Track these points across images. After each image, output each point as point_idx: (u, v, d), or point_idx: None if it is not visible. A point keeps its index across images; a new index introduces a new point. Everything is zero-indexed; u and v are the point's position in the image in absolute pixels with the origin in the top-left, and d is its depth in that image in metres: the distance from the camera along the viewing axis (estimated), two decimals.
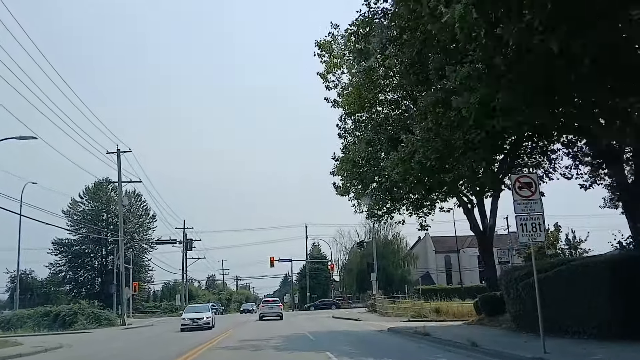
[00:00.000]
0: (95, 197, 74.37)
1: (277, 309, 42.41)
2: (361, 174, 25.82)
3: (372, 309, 47.05)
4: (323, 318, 45.16)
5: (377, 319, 40.88)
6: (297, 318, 44.59)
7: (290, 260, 76.96)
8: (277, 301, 44.38)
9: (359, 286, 74.16)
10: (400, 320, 37.98)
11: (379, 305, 45.82)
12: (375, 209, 27.99)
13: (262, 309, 42.75)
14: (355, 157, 25.34)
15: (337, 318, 44.15)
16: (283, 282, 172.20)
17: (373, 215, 28.99)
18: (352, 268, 73.68)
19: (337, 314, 49.76)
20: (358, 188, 27.79)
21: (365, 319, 41.09)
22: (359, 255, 74.63)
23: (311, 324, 35.43)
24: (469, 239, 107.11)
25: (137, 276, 77.18)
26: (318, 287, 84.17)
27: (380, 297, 47.37)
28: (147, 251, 79.35)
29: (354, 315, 45.57)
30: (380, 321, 37.69)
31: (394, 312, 42.65)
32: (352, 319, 41.47)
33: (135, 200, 78.27)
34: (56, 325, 46.35)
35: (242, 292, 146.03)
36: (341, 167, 27.30)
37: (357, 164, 25.31)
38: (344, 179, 27.81)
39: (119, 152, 45.74)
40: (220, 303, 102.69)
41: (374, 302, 46.98)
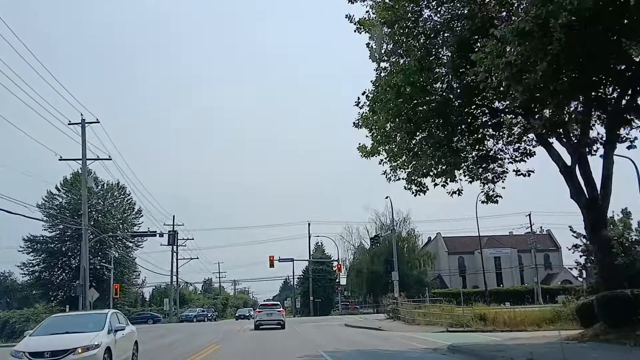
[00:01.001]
0: (74, 189, 65.28)
1: (277, 316, 33.29)
2: (408, 113, 16.79)
3: (394, 315, 38.05)
4: (334, 326, 36.20)
5: (405, 328, 32.04)
6: (302, 327, 35.56)
7: (291, 260, 67.90)
8: (277, 305, 35.23)
9: (369, 289, 65.07)
10: (436, 330, 29.74)
11: (403, 311, 36.82)
12: (422, 170, 19.11)
13: (259, 315, 33.55)
14: (397, 85, 16.31)
15: (351, 327, 35.20)
16: (283, 287, 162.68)
17: (416, 184, 20.00)
18: (361, 269, 64.59)
19: (349, 321, 40.74)
20: (397, 142, 18.80)
21: (388, 328, 32.17)
22: (370, 255, 65.63)
23: (323, 336, 26.49)
24: (484, 239, 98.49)
25: (121, 278, 67.98)
26: (322, 291, 74.97)
27: (404, 302, 38.32)
28: (132, 250, 70.16)
29: (372, 322, 36.59)
30: (410, 331, 29.10)
31: (423, 320, 33.67)
32: (372, 329, 32.58)
33: (118, 193, 69.18)
34: (4, 334, 37.61)
35: (240, 297, 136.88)
36: (373, 108, 18.28)
37: (402, 93, 16.28)
38: (378, 126, 18.81)
39: (83, 122, 36.78)
40: (215, 308, 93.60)
41: (395, 307, 37.97)
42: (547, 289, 78.58)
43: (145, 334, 33.24)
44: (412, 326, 33.05)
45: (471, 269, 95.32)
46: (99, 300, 67.09)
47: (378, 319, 40.67)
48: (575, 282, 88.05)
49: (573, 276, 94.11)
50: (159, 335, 30.20)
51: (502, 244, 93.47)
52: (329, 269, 77.70)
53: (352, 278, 65.84)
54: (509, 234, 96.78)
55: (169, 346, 23.35)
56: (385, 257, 64.07)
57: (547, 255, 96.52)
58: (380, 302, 66.94)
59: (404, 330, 30.74)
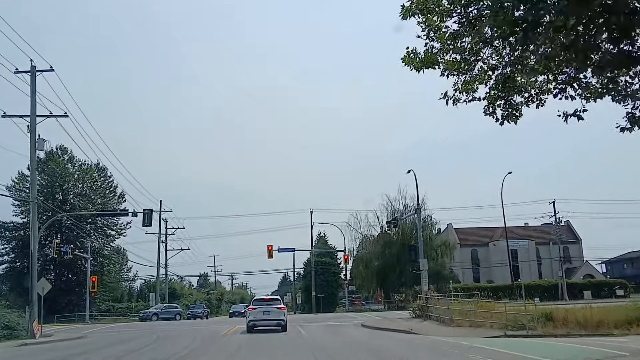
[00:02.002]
0: (47, 169, 57.22)
1: (277, 314, 25.03)
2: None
3: (422, 313, 30.00)
4: (349, 327, 28.21)
5: (444, 330, 24.15)
6: (309, 328, 27.52)
7: (292, 250, 59.72)
8: (276, 301, 26.82)
9: (380, 283, 57.02)
10: (490, 334, 21.74)
11: (435, 308, 28.80)
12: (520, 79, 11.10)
13: (253, 313, 25.07)
14: None
15: (372, 328, 27.19)
16: (282, 282, 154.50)
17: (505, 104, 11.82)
18: (370, 260, 56.55)
19: (364, 320, 32.63)
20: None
21: (423, 331, 24.21)
22: (381, 244, 57.56)
23: (343, 345, 18.57)
24: (498, 230, 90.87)
25: (100, 269, 59.96)
26: (325, 285, 66.85)
27: (435, 296, 30.27)
28: (113, 238, 61.96)
29: (396, 323, 28.58)
30: (453, 335, 21.90)
31: (465, 320, 25.69)
32: (402, 331, 24.60)
33: (98, 175, 61.03)
34: None
35: (237, 292, 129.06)
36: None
37: None
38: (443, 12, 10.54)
39: (33, 70, 28.60)
40: (209, 304, 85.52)
41: (425, 303, 29.91)
42: (571, 283, 70.66)
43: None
44: (452, 328, 25.11)
45: (485, 262, 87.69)
46: (74, 294, 59.51)
47: (400, 317, 32.62)
48: (597, 277, 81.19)
49: (596, 270, 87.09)
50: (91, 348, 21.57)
51: (519, 236, 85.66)
52: (332, 262, 69.58)
53: (361, 271, 57.83)
54: (524, 225, 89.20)
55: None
56: (399, 247, 56.17)
57: (566, 248, 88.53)
58: (392, 298, 59.11)
59: (445, 334, 22.84)
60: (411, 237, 56.48)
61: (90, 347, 22.27)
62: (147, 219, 34.10)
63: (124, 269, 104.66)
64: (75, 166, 59.19)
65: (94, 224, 59.64)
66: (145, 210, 36.02)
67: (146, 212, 35.18)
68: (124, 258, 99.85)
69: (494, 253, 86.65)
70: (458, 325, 25.78)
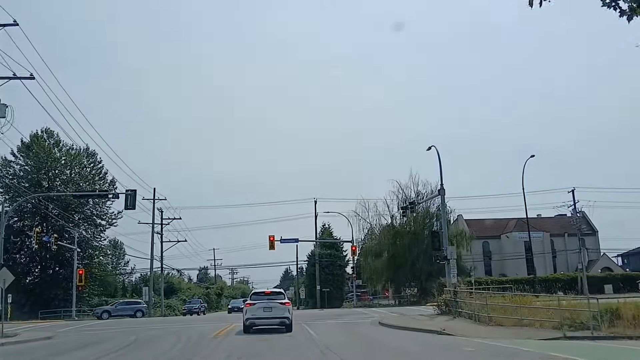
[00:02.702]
0: (31, 154, 52.56)
1: (280, 311, 20.26)
2: None
3: (452, 310, 25.38)
4: (365, 326, 23.63)
5: (483, 331, 19.72)
6: (318, 328, 22.88)
7: (296, 241, 55.01)
8: (279, 295, 21.90)
9: (391, 276, 52.39)
10: (544, 335, 17.85)
11: (468, 304, 24.18)
12: None
13: (252, 310, 20.33)
14: None
15: (393, 327, 22.60)
16: (284, 276, 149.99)
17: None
18: (380, 252, 51.87)
19: (380, 317, 27.99)
20: None
21: (458, 331, 19.66)
22: (391, 235, 52.90)
23: (370, 353, 13.94)
24: (512, 221, 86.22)
25: (89, 262, 55.37)
26: (330, 279, 62.40)
27: (465, 290, 25.65)
28: (104, 228, 57.22)
29: (419, 321, 24.03)
30: (498, 337, 17.99)
31: (506, 319, 21.10)
32: (433, 332, 20.06)
33: (87, 161, 56.32)
34: None
35: (238, 287, 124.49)
36: None
37: None
38: None
39: None
40: (208, 299, 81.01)
41: (454, 298, 25.27)
42: (591, 277, 65.95)
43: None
44: (492, 328, 20.56)
45: (497, 254, 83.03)
46: (60, 288, 54.98)
47: (422, 314, 28.04)
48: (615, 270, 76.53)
49: (614, 263, 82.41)
50: None
51: (534, 227, 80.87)
52: (338, 254, 65.07)
53: (369, 263, 53.19)
54: (537, 216, 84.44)
55: None
56: (411, 237, 51.58)
57: (582, 240, 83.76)
58: (404, 292, 54.61)
59: (487, 334, 18.38)
60: (424, 226, 51.90)
61: (47, 351, 17.74)
62: (130, 202, 29.31)
63: (121, 262, 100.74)
64: (62, 151, 54.50)
65: (82, 213, 54.99)
66: (128, 191, 31.27)
67: (129, 193, 30.37)
68: (121, 251, 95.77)
69: (507, 245, 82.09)
70: (498, 323, 21.23)
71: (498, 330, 20.05)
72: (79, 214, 55.35)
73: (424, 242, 50.90)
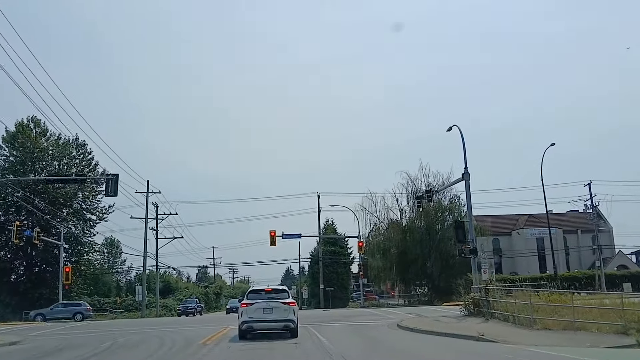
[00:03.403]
0: (16, 144, 48.88)
1: (283, 312, 16.54)
2: None
3: (483, 310, 21.67)
4: (383, 331, 19.89)
5: (537, 337, 16.21)
6: (328, 333, 19.17)
7: (298, 236, 51.13)
8: (282, 293, 17.95)
9: (400, 274, 48.65)
10: (612, 341, 14.49)
11: (503, 304, 20.48)
12: None
13: (249, 310, 16.61)
14: None
15: (416, 331, 18.96)
16: (285, 276, 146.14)
17: None
18: (389, 248, 48.12)
19: (398, 318, 24.21)
20: None
21: (505, 337, 16.13)
22: (401, 230, 49.19)
23: None
24: (523, 217, 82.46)
25: (78, 259, 51.68)
26: (335, 278, 58.61)
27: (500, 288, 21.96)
28: (94, 223, 53.38)
29: (451, 324, 20.30)
30: (562, 342, 15.17)
31: (556, 322, 17.47)
32: (469, 338, 16.42)
33: (77, 152, 52.58)
34: None
35: (238, 287, 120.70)
36: None
37: None
38: None
39: None
40: (207, 298, 77.39)
41: (485, 297, 21.53)
42: (608, 275, 62.20)
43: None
44: (539, 332, 16.98)
45: (508, 251, 79.24)
46: (46, 287, 51.26)
47: (445, 315, 24.33)
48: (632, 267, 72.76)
49: (630, 260, 78.61)
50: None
51: (546, 223, 77.02)
52: (342, 251, 61.28)
53: (377, 260, 49.49)
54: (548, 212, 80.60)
55: None
56: (422, 232, 47.92)
57: (595, 237, 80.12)
58: (414, 291, 50.97)
59: (538, 341, 14.97)
60: (436, 220, 48.27)
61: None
62: (111, 187, 25.43)
63: (118, 261, 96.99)
64: (50, 141, 50.79)
65: (70, 207, 51.25)
66: (109, 176, 27.48)
67: (110, 178, 26.57)
68: (117, 250, 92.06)
69: (518, 242, 78.33)
70: (545, 327, 17.57)
71: (546, 335, 16.44)
72: (67, 208, 51.66)
73: (437, 237, 47.35)
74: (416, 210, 48.21)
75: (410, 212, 49.10)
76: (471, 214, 25.50)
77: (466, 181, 25.42)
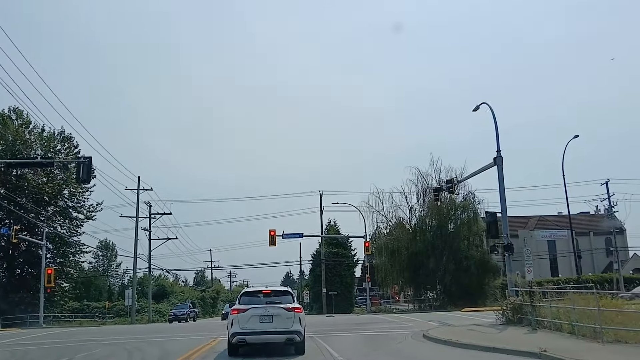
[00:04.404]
0: None
1: (286, 320, 12.60)
2: None
3: (526, 317, 17.74)
4: (410, 343, 15.92)
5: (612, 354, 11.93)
6: (343, 345, 15.20)
7: (300, 236, 47.11)
8: (285, 295, 13.54)
9: (411, 276, 44.63)
10: None
11: (554, 311, 16.55)
12: None
13: (242, 319, 12.60)
14: None
15: (448, 344, 15.00)
16: (284, 280, 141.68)
17: None
18: (398, 248, 44.11)
19: (426, 329, 20.04)
20: None
21: (573, 354, 11.93)
22: (411, 229, 45.23)
23: None
24: (533, 218, 78.70)
25: (63, 261, 47.66)
26: (338, 282, 54.58)
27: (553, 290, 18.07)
28: (81, 222, 49.31)
29: (490, 335, 16.37)
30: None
31: (634, 334, 13.50)
32: (529, 354, 12.37)
33: (62, 145, 48.63)
34: None
35: (237, 291, 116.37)
36: None
37: None
38: None
39: None
40: (203, 303, 73.37)
41: (529, 302, 17.57)
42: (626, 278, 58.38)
43: None
44: (613, 346, 13.05)
45: (518, 254, 75.15)
46: (27, 291, 47.31)
47: (476, 323, 20.40)
48: None
49: None
50: None
51: (558, 225, 73.24)
52: (346, 253, 57.24)
53: (384, 262, 45.52)
54: (557, 214, 76.88)
55: None
56: (434, 232, 43.97)
57: (608, 239, 76.28)
58: (424, 295, 47.01)
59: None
60: (448, 219, 44.31)
61: None
62: (83, 172, 21.29)
63: (113, 264, 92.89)
64: (33, 133, 46.85)
65: (54, 204, 47.22)
66: (82, 159, 23.29)
67: (82, 161, 22.39)
68: (112, 253, 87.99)
69: (528, 244, 74.26)
70: (617, 339, 13.68)
71: (628, 351, 12.53)
72: (52, 206, 47.69)
73: (449, 237, 43.42)
74: (427, 208, 44.33)
75: (421, 210, 45.14)
76: (505, 204, 21.59)
77: (499, 166, 21.57)
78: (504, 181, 21.54)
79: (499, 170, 21.57)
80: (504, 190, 21.53)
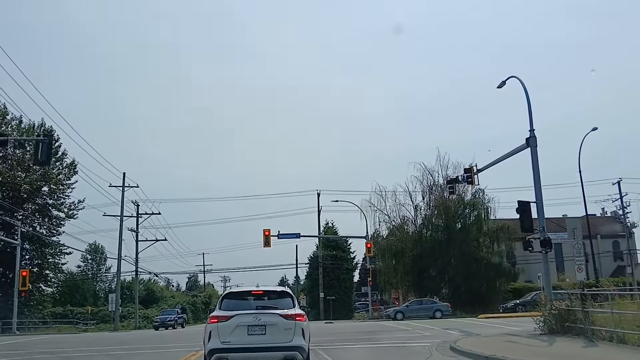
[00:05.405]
0: None
1: (283, 331, 9.16)
2: None
3: (573, 325, 14.37)
4: (438, 358, 12.49)
5: None
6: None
7: (297, 236, 43.65)
8: (284, 297, 9.92)
9: (416, 280, 41.24)
10: None
11: (616, 319, 13.18)
12: None
13: (224, 330, 9.25)
14: None
15: (485, 359, 11.56)
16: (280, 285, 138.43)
17: None
18: (402, 250, 40.74)
19: (456, 341, 16.37)
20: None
21: None
22: (416, 229, 41.92)
23: None
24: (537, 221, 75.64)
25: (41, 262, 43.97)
26: (337, 286, 51.24)
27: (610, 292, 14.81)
28: (61, 220, 45.59)
29: (538, 348, 12.96)
30: None
31: None
32: None
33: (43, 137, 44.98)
34: None
35: None
36: None
37: None
38: None
39: None
40: (194, 308, 69.50)
41: (582, 307, 14.22)
42: None
43: None
44: None
45: (520, 257, 72.06)
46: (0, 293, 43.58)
47: (508, 333, 17.05)
48: None
49: None
50: None
51: (563, 228, 70.08)
52: (345, 255, 53.89)
53: (388, 264, 42.14)
54: (562, 216, 73.73)
55: None
56: (442, 231, 40.70)
57: (615, 243, 73.16)
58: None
59: None
60: (457, 218, 41.00)
61: None
62: (42, 153, 17.71)
63: (102, 268, 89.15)
64: (10, 125, 43.19)
65: (33, 201, 43.54)
66: (39, 137, 19.72)
67: (43, 139, 18.66)
68: (102, 256, 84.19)
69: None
70: None
71: None
72: (31, 203, 44.04)
73: (458, 237, 40.11)
74: (434, 206, 41.08)
75: (427, 208, 41.84)
76: (540, 191, 18.27)
77: (532, 147, 18.26)
78: (538, 165, 18.25)
79: (533, 153, 18.26)
80: (539, 176, 18.23)
